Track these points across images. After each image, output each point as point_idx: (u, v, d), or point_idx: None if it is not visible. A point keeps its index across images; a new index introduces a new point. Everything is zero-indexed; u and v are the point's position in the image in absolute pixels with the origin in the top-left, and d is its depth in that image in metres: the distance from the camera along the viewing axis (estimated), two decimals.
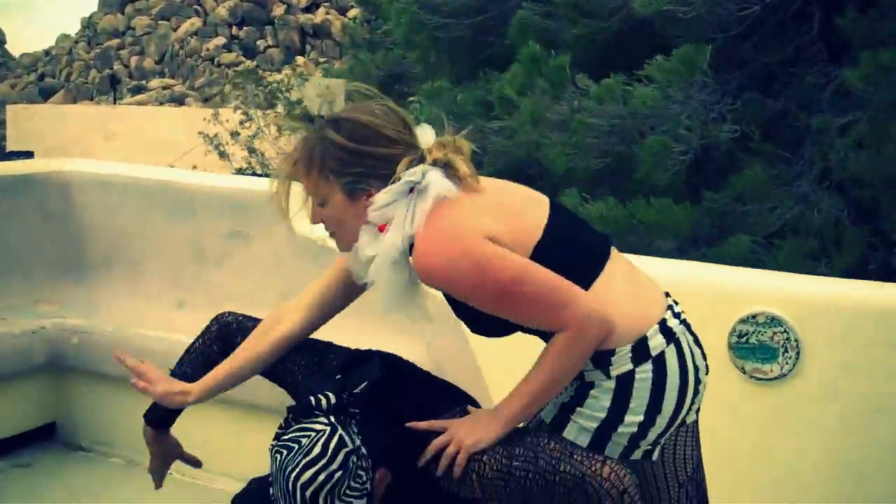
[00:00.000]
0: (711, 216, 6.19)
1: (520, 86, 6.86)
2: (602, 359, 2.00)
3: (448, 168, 1.94)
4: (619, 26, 6.85)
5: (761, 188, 6.18)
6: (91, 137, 18.75)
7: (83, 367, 3.90)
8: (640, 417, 2.01)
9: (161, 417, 2.55)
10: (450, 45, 8.08)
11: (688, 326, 2.18)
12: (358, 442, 2.00)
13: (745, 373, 3.32)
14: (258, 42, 51.16)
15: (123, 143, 18.14)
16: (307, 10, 51.45)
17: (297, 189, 2.43)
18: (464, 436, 1.97)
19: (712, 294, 3.31)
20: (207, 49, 51.55)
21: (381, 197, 1.95)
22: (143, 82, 50.89)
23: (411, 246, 1.92)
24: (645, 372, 2.01)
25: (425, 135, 2.02)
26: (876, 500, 3.22)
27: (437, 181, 1.91)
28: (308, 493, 1.94)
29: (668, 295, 2.23)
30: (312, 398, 2.05)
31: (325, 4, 51.88)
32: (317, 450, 1.97)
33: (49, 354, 3.88)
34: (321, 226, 2.13)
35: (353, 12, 47.96)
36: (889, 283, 3.48)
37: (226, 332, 2.51)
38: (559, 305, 1.88)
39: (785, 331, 3.24)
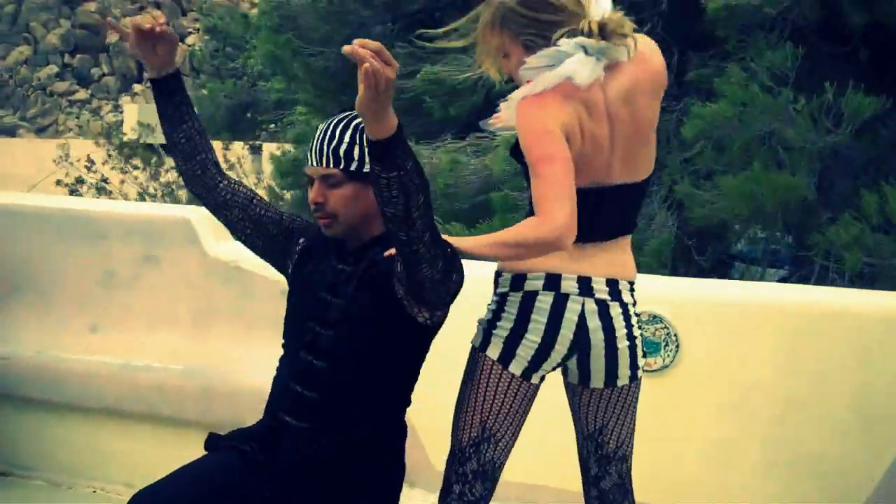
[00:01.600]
0: None
1: None
2: (494, 276, 2.47)
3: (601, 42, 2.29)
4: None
5: None
6: None
7: (4, 391, 4.00)
8: (509, 328, 2.39)
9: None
10: (319, 73, 8.32)
11: (603, 306, 2.43)
12: None
13: None
14: (92, 70, 49.87)
15: None
16: None
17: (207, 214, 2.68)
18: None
19: None
20: (39, 78, 49.94)
21: (531, 60, 2.31)
22: None
23: None
24: (516, 297, 2.40)
25: (597, 6, 2.35)
26: (752, 473, 3.65)
27: (569, 64, 2.26)
28: None
29: (612, 283, 2.47)
30: None
31: None
32: None
33: None
34: (234, 248, 2.50)
35: (191, 39, 47.44)
36: (755, 282, 3.95)
37: None
38: (551, 199, 2.21)
39: (665, 327, 3.65)
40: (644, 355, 3.66)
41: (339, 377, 2.30)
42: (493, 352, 2.41)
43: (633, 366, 2.54)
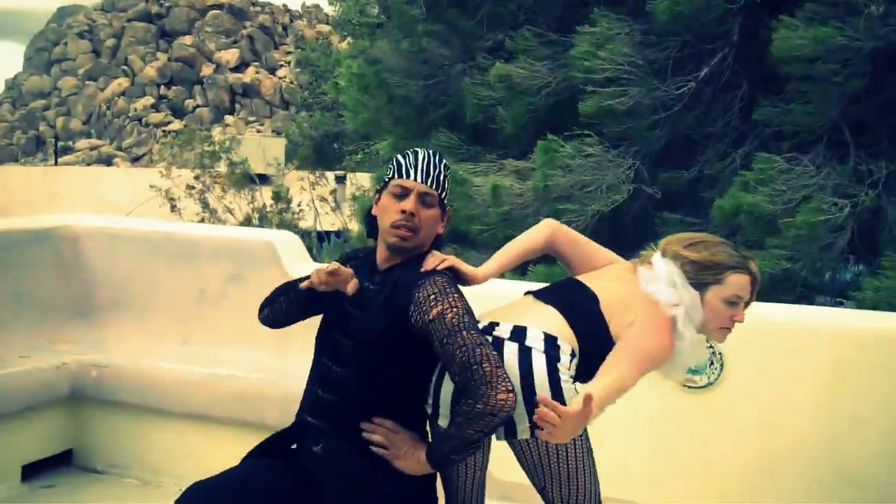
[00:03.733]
0: None
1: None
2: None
3: None
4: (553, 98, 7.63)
5: None
6: (35, 198, 18.96)
7: (101, 397, 4.38)
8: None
9: None
10: (401, 105, 8.68)
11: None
12: None
13: (679, 382, 3.94)
14: (186, 101, 51.29)
15: (68, 202, 18.38)
16: (236, 69, 51.83)
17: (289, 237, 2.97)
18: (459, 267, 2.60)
19: None
20: (135, 109, 51.54)
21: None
22: (70, 143, 50.71)
23: None
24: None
25: None
26: (793, 491, 3.82)
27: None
28: None
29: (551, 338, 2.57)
30: None
31: (255, 64, 52.30)
32: None
33: (71, 387, 4.35)
34: (309, 268, 2.85)
35: (282, 71, 48.55)
36: (796, 304, 4.13)
37: None
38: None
39: (711, 346, 3.86)
40: (691, 373, 3.94)
41: (353, 382, 2.52)
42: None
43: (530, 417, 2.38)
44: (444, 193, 2.64)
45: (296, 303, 2.76)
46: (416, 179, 2.59)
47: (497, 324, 2.54)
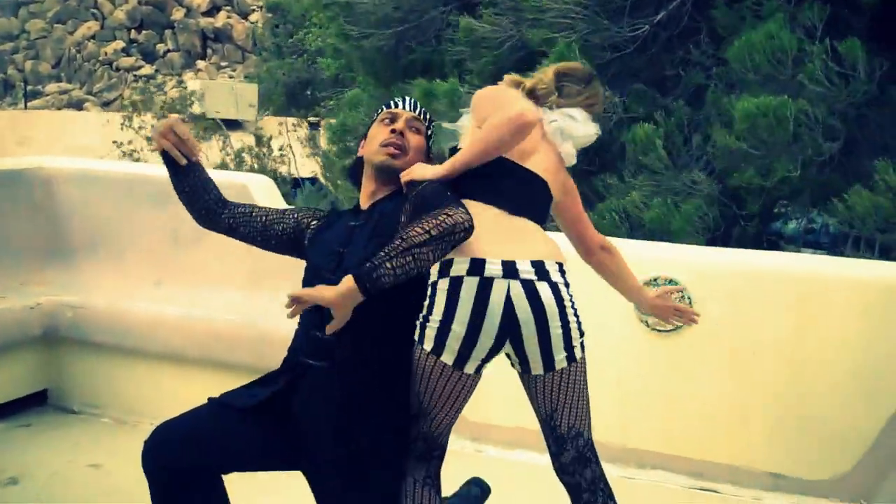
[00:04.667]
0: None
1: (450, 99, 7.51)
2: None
3: None
4: (509, 53, 7.60)
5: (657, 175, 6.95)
6: (3, 142, 18.74)
7: (76, 337, 4.40)
8: (439, 319, 2.46)
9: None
10: (373, 53, 8.65)
11: (530, 286, 2.47)
12: None
13: (648, 326, 4.02)
14: (157, 46, 50.56)
15: (37, 147, 18.13)
16: (208, 13, 51.13)
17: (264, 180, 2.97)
18: (418, 170, 2.60)
19: None
20: (105, 53, 50.78)
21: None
22: (39, 87, 49.98)
23: None
24: (444, 284, 2.48)
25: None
26: (757, 431, 3.93)
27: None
28: None
29: (538, 264, 2.54)
30: None
31: (226, 8, 51.58)
32: None
33: (45, 327, 4.37)
34: None
35: (255, 16, 47.97)
36: (761, 250, 4.20)
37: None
38: (505, 111, 2.56)
39: (680, 291, 3.93)
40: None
41: (355, 319, 2.40)
42: (427, 344, 2.47)
43: (569, 347, 2.51)
44: (429, 130, 2.77)
45: (181, 189, 2.87)
46: (404, 108, 2.74)
47: (515, 262, 2.48)
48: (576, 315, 2.52)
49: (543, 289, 2.46)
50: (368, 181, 2.72)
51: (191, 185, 2.82)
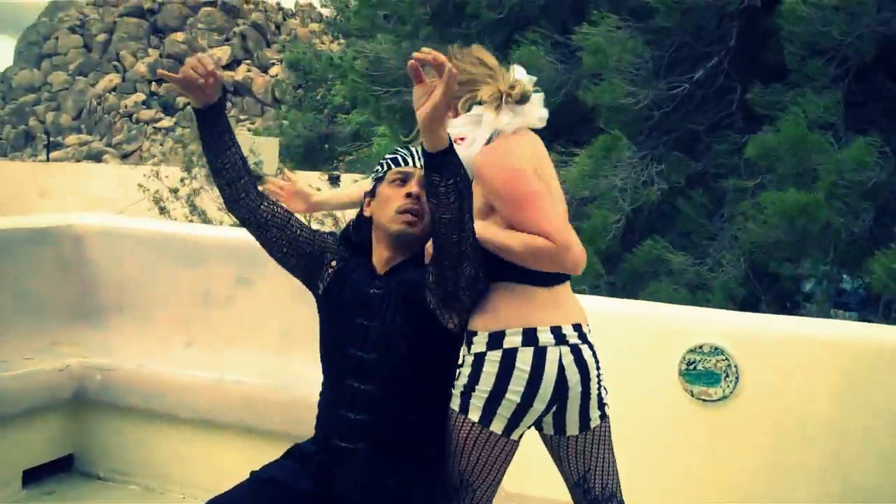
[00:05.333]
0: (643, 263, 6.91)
1: None
2: (467, 338, 2.51)
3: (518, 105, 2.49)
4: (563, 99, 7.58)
5: (685, 242, 6.95)
6: (25, 194, 18.82)
7: (104, 400, 4.30)
8: (488, 390, 2.42)
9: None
10: (396, 109, 8.64)
11: (577, 351, 2.49)
12: None
13: (693, 395, 3.90)
14: (178, 99, 51.15)
15: (59, 199, 18.24)
16: (228, 67, 51.69)
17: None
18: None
19: (664, 328, 3.89)
20: (126, 105, 51.38)
21: (456, 120, 2.48)
22: (60, 138, 50.47)
23: None
24: (495, 356, 2.43)
25: (512, 74, 2.55)
26: (801, 503, 3.80)
27: (491, 120, 2.46)
28: None
29: (578, 327, 2.56)
30: None
31: (247, 62, 52.19)
32: None
33: (73, 390, 4.28)
34: None
35: (274, 70, 48.49)
36: (809, 317, 4.12)
37: None
38: (561, 229, 2.41)
39: (726, 359, 3.82)
40: (706, 385, 3.91)
41: (388, 397, 2.42)
42: (474, 414, 2.44)
43: (602, 404, 2.58)
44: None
45: (216, 157, 2.56)
46: (415, 165, 2.54)
47: (561, 328, 2.48)
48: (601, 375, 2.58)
49: (586, 351, 2.51)
50: (382, 247, 2.58)
51: (230, 160, 2.54)
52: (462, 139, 2.47)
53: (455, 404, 2.47)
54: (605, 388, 2.58)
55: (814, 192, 6.11)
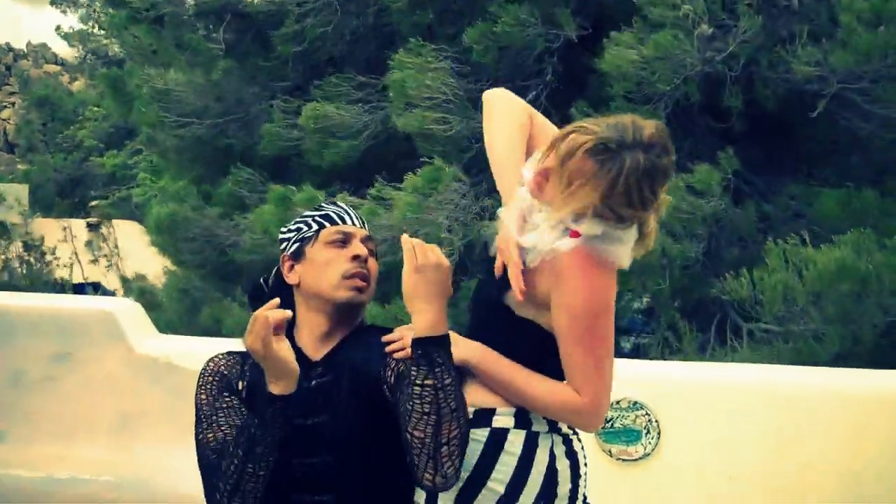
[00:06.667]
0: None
1: (269, 226, 7.00)
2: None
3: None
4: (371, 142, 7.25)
5: None
6: None
7: None
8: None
9: None
10: (192, 144, 8.00)
11: (568, 442, 2.18)
12: None
13: (612, 455, 3.53)
14: None
15: None
16: None
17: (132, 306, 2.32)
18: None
19: None
20: None
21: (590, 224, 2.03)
22: None
23: None
24: (481, 434, 2.08)
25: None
26: None
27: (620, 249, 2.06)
28: None
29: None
30: None
31: None
32: None
33: None
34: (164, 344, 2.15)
35: (6, 113, 45.54)
36: (730, 363, 3.86)
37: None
38: (603, 390, 2.01)
39: (646, 413, 3.49)
40: (625, 444, 3.57)
41: (352, 495, 1.99)
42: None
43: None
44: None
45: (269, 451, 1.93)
46: (353, 223, 2.13)
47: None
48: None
49: (576, 444, 2.18)
50: (319, 319, 2.07)
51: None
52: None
53: None
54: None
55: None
